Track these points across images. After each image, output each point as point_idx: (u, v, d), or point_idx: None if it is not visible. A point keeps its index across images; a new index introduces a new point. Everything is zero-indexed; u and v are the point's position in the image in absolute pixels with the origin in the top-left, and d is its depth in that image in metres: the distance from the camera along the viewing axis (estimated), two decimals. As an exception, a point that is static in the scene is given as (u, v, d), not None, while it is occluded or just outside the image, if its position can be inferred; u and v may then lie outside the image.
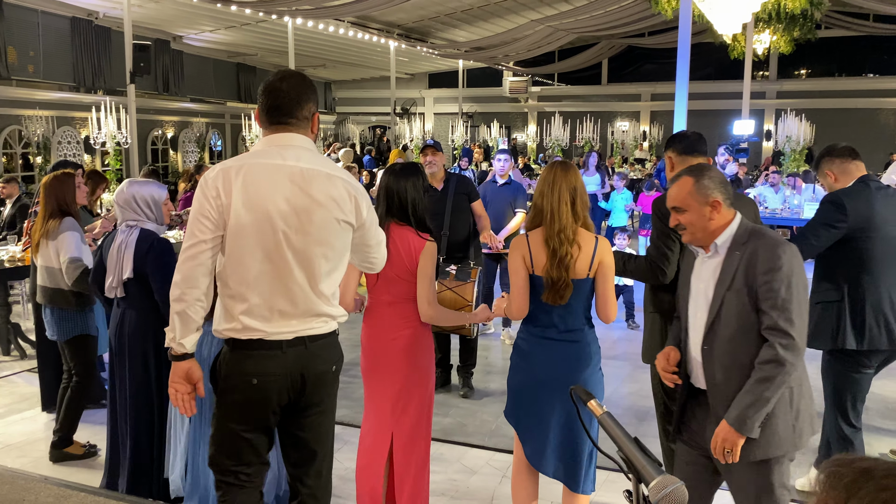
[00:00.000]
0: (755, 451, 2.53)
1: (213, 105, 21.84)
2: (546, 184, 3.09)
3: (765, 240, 2.52)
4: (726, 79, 22.91)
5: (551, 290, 3.02)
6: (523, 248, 3.07)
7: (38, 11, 15.95)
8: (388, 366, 3.31)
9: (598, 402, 1.34)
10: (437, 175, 5.69)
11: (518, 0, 17.58)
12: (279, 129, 2.56)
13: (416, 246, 3.26)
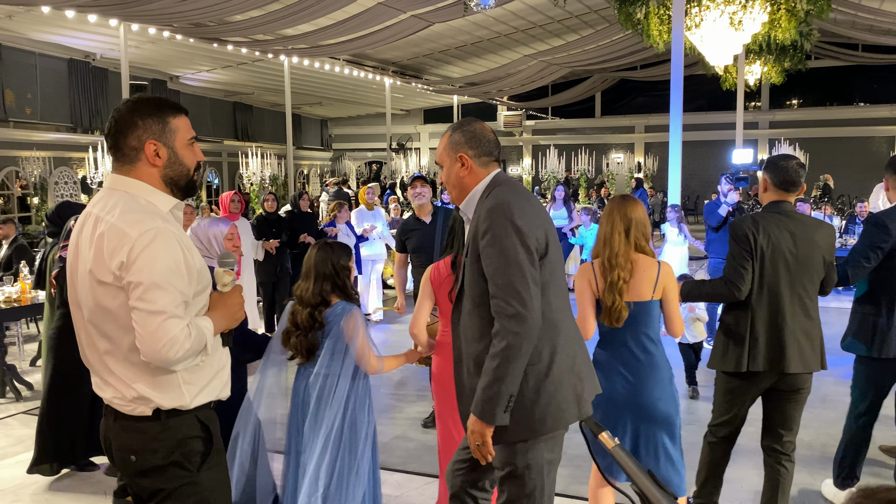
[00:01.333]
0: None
1: (210, 143, 21.96)
2: (604, 215, 3.32)
3: (487, 201, 2.45)
4: (719, 110, 23.16)
5: (606, 312, 3.21)
6: (589, 274, 3.28)
7: (36, 54, 16.11)
8: (452, 385, 3.36)
9: (609, 434, 1.32)
10: (424, 207, 5.65)
11: (511, 36, 17.80)
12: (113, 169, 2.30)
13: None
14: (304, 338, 3.34)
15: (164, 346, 2.06)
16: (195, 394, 2.23)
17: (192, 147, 2.31)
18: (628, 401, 3.21)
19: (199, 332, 2.14)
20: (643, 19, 12.92)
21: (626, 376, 3.22)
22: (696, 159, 23.89)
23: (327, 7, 12.84)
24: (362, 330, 3.33)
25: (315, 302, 3.33)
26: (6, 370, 6.51)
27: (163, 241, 2.11)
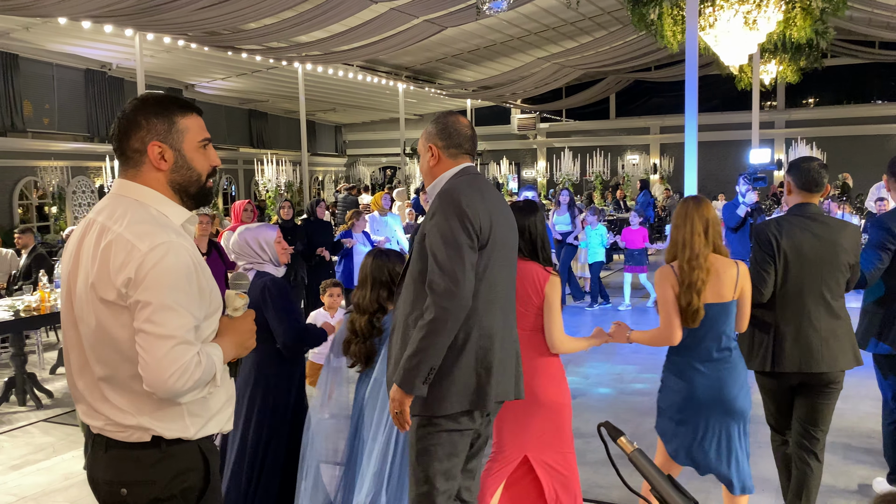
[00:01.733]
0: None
1: (225, 151, 22.07)
2: (679, 217, 3.34)
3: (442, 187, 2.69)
4: (734, 110, 23.00)
5: (684, 313, 3.23)
6: (671, 278, 3.28)
7: (53, 65, 16.27)
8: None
9: (627, 439, 1.31)
10: None
11: (524, 39, 17.78)
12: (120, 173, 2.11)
13: (542, 279, 3.39)
14: (363, 345, 3.42)
15: (171, 376, 1.84)
16: (200, 426, 2.00)
17: (205, 150, 2.07)
18: (708, 398, 3.29)
19: (209, 360, 1.92)
20: (657, 20, 12.87)
21: (706, 374, 3.30)
22: (712, 160, 23.72)
23: (340, 14, 12.88)
24: None
25: (373, 309, 3.42)
26: (26, 378, 6.57)
27: (175, 258, 1.89)
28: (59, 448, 5.45)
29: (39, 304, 6.67)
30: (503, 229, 2.76)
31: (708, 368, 3.30)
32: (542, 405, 3.38)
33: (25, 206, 15.85)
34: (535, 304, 3.39)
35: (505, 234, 2.78)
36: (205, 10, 11.53)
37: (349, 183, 21.58)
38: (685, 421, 3.35)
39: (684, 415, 3.35)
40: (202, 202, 2.12)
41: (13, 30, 13.64)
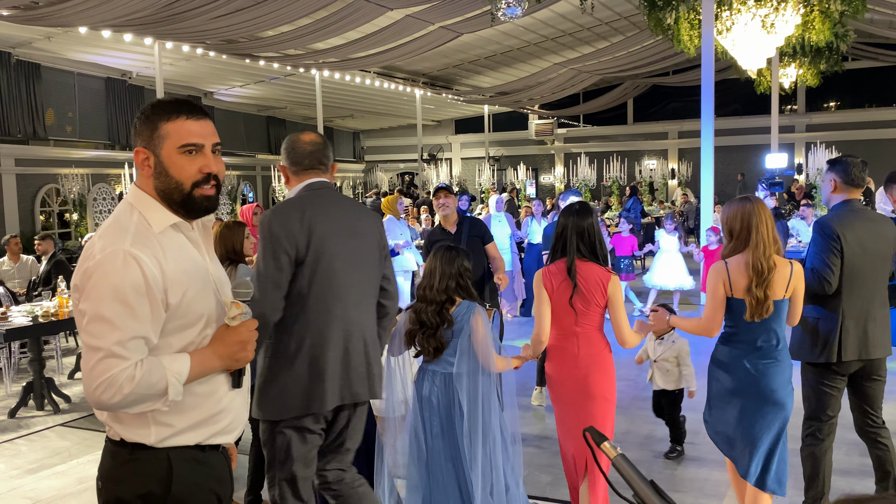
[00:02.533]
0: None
1: (244, 158, 22.25)
2: (754, 216, 3.39)
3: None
4: (754, 114, 22.84)
5: (756, 308, 3.31)
6: (723, 274, 3.39)
7: (74, 73, 16.49)
8: (578, 390, 3.55)
9: (611, 444, 1.31)
10: (449, 218, 5.65)
11: (540, 45, 17.78)
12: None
13: (604, 279, 3.53)
14: (433, 336, 3.45)
15: (97, 388, 1.80)
16: (166, 435, 1.93)
17: (191, 156, 1.97)
18: (750, 389, 3.38)
19: (152, 375, 1.83)
20: (673, 24, 12.81)
21: (753, 367, 3.38)
22: (731, 164, 23.55)
23: (356, 20, 12.95)
24: (488, 329, 3.51)
25: (441, 299, 3.47)
26: (44, 383, 6.64)
27: (120, 267, 1.83)
28: (74, 452, 5.51)
29: (58, 310, 6.75)
30: (338, 239, 2.93)
31: (755, 362, 3.39)
32: (596, 398, 3.53)
33: (47, 213, 16.06)
34: (599, 303, 3.53)
35: (340, 243, 2.94)
36: (222, 18, 11.65)
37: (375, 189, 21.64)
38: (728, 409, 3.47)
39: (727, 403, 3.47)
40: (193, 212, 2.02)
41: (35, 39, 13.85)
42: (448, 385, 3.47)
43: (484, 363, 3.46)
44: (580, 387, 3.53)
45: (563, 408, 3.63)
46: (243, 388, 2.12)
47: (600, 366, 3.55)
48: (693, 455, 5.04)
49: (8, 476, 5.11)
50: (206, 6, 11.01)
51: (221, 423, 2.04)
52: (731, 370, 3.43)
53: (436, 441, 3.47)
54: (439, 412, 3.47)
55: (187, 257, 1.99)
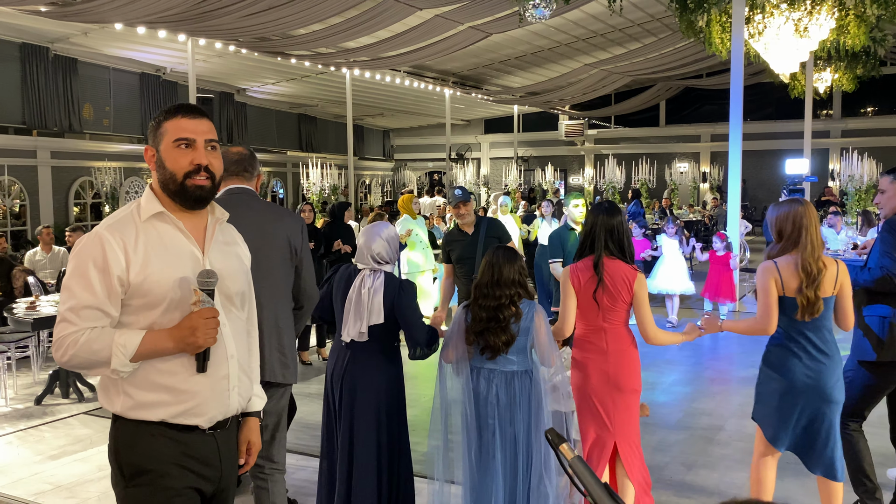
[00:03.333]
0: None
1: (275, 154, 22.48)
2: (805, 218, 3.50)
3: None
4: (788, 118, 22.51)
5: (807, 307, 3.42)
6: (774, 273, 3.49)
7: (110, 69, 16.82)
8: (607, 382, 3.64)
9: (569, 446, 1.34)
10: (468, 222, 5.67)
11: (571, 45, 17.71)
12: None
13: (630, 276, 3.64)
14: (503, 330, 3.48)
15: (54, 346, 2.11)
16: (128, 406, 2.14)
17: (184, 150, 2.17)
18: (807, 387, 3.46)
19: (94, 342, 2.05)
20: (705, 27, 12.69)
21: (808, 365, 3.47)
22: (764, 169, 23.26)
23: (387, 20, 13.03)
24: (549, 327, 3.57)
25: (511, 292, 3.51)
26: (70, 372, 6.79)
27: (89, 245, 2.10)
28: (95, 440, 5.64)
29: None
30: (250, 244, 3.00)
31: (809, 359, 3.48)
32: (625, 391, 3.65)
33: (81, 205, 16.39)
34: (625, 300, 3.64)
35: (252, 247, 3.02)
36: (254, 16, 11.79)
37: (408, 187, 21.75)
38: (783, 408, 3.53)
39: (783, 402, 3.53)
40: (188, 201, 2.20)
41: (72, 35, 14.14)
42: (510, 383, 3.52)
43: (543, 360, 3.53)
44: (609, 380, 3.63)
45: (588, 397, 3.69)
46: (222, 377, 2.22)
47: (629, 360, 3.66)
48: (706, 461, 5.01)
49: (31, 461, 5.25)
50: (238, 3, 11.15)
51: (185, 405, 2.16)
52: (786, 370, 3.51)
53: (493, 438, 3.50)
54: (498, 410, 3.51)
55: (167, 244, 2.17)
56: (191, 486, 2.21)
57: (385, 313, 3.54)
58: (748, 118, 22.53)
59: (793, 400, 3.51)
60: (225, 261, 2.29)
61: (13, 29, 13.89)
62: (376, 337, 3.58)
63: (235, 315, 2.32)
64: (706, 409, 6.10)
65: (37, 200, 15.12)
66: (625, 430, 3.68)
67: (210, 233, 2.28)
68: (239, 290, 2.34)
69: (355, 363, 3.61)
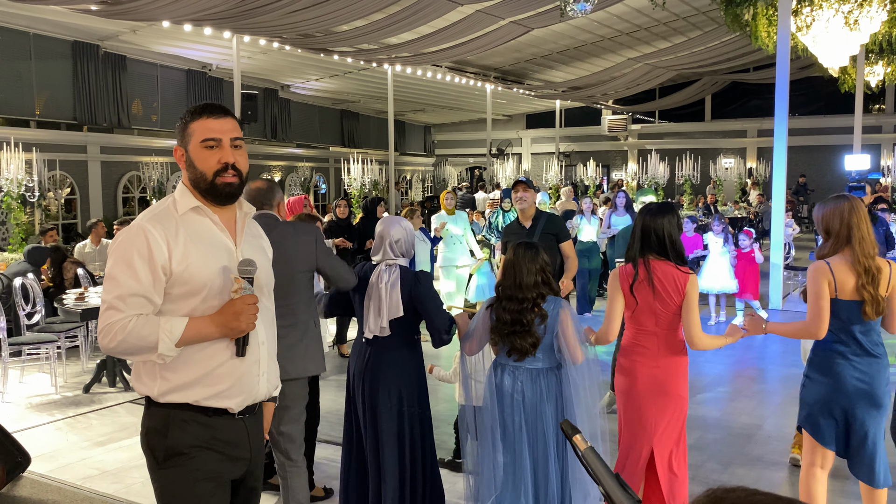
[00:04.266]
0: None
1: (317, 150, 22.70)
2: (854, 214, 3.40)
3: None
4: (838, 113, 21.98)
5: (873, 305, 3.33)
6: (828, 275, 3.38)
7: (158, 65, 17.17)
8: (656, 388, 3.54)
9: (582, 437, 1.36)
10: (526, 212, 5.61)
11: (615, 39, 17.53)
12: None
13: (682, 279, 3.51)
14: (528, 333, 3.44)
15: (100, 333, 2.19)
16: (165, 390, 2.23)
17: (212, 150, 2.27)
18: (856, 391, 3.38)
19: (143, 329, 2.14)
20: (751, 20, 12.47)
21: (857, 368, 3.40)
22: (813, 165, 22.78)
23: (428, 16, 13.06)
24: (576, 322, 3.54)
25: (533, 295, 3.46)
26: (116, 361, 6.98)
27: (131, 236, 2.20)
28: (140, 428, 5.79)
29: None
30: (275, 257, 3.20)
31: (858, 362, 3.40)
32: (671, 397, 3.54)
33: (129, 200, 16.78)
34: (676, 303, 3.51)
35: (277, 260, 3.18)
36: (298, 13, 11.93)
37: (463, 183, 21.83)
38: (830, 409, 3.45)
39: (830, 404, 3.45)
40: (219, 198, 2.31)
41: (121, 32, 14.47)
42: (535, 381, 3.49)
43: (572, 357, 3.48)
44: (658, 386, 3.54)
45: (635, 402, 3.60)
46: (254, 362, 2.34)
47: (678, 366, 3.57)
48: (741, 459, 4.96)
49: (79, 447, 5.43)
50: (281, 0, 11.30)
51: (217, 387, 2.26)
52: (835, 373, 3.42)
53: (519, 434, 3.48)
54: (524, 407, 3.48)
55: (204, 236, 2.29)
56: (220, 470, 2.30)
57: (404, 305, 3.58)
58: (796, 113, 22.13)
59: (840, 402, 3.43)
60: (254, 253, 2.40)
61: (65, 27, 14.27)
62: (396, 331, 3.62)
63: (265, 305, 2.40)
64: (745, 409, 6.02)
65: (87, 194, 15.53)
66: (665, 437, 3.58)
67: (241, 226, 2.40)
68: (268, 280, 2.46)
69: (378, 359, 3.65)
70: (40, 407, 6.42)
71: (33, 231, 11.69)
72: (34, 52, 14.70)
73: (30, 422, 6.00)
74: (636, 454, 3.60)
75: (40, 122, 14.84)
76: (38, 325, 7.42)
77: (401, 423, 3.62)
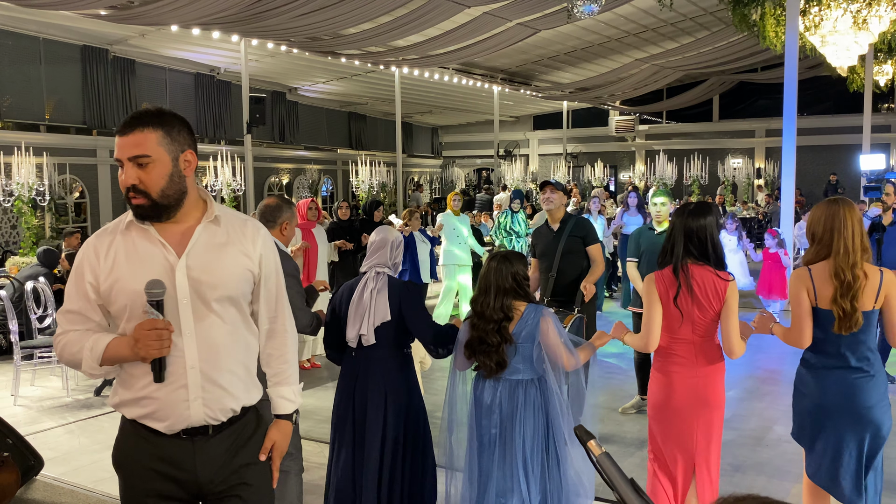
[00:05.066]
0: None
1: (325, 152, 22.74)
2: (837, 220, 3.20)
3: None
4: (847, 112, 21.88)
5: (844, 320, 3.12)
6: (806, 282, 3.22)
7: (166, 69, 17.25)
8: (694, 400, 3.37)
9: (596, 442, 1.36)
10: (554, 213, 5.48)
11: (622, 40, 17.51)
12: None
13: (721, 286, 3.32)
14: (495, 352, 3.33)
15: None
16: (116, 403, 2.23)
17: (120, 171, 2.17)
18: (839, 405, 3.18)
19: (71, 345, 2.17)
20: (759, 20, 12.44)
21: (840, 381, 3.19)
22: (822, 164, 22.66)
23: (435, 18, 13.08)
24: (560, 330, 3.40)
25: (498, 318, 3.33)
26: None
27: (80, 252, 2.24)
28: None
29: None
30: None
31: (843, 375, 3.20)
32: (713, 408, 3.38)
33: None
34: (715, 310, 3.34)
35: None
36: (306, 16, 11.97)
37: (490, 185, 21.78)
38: (819, 432, 3.25)
39: (817, 423, 3.26)
40: (138, 218, 2.19)
41: (130, 37, 14.56)
42: (513, 392, 3.36)
43: (560, 364, 3.35)
44: (697, 396, 3.36)
45: (673, 416, 3.41)
46: (179, 387, 2.16)
47: (717, 375, 3.41)
48: (750, 464, 4.95)
49: (91, 450, 5.45)
50: (289, 4, 11.34)
51: (146, 409, 2.19)
52: (821, 386, 3.24)
53: (492, 449, 3.36)
54: (500, 420, 3.35)
55: (139, 252, 2.18)
56: (160, 489, 2.21)
57: (393, 313, 3.49)
58: (805, 113, 22.06)
59: (823, 421, 3.22)
60: (209, 262, 2.20)
61: (74, 32, 14.36)
62: (384, 343, 3.53)
63: (214, 320, 2.20)
64: (756, 410, 6.01)
65: (97, 198, 15.61)
66: (708, 449, 3.41)
67: (196, 236, 2.21)
68: (225, 292, 2.21)
69: (367, 374, 3.56)
70: (52, 410, 6.46)
71: (44, 235, 11.76)
72: (44, 56, 14.79)
73: (42, 425, 6.04)
74: (675, 467, 3.45)
75: (50, 126, 14.93)
76: (50, 328, 7.46)
77: (395, 446, 3.53)
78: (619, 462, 3.80)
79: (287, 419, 2.42)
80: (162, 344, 2.09)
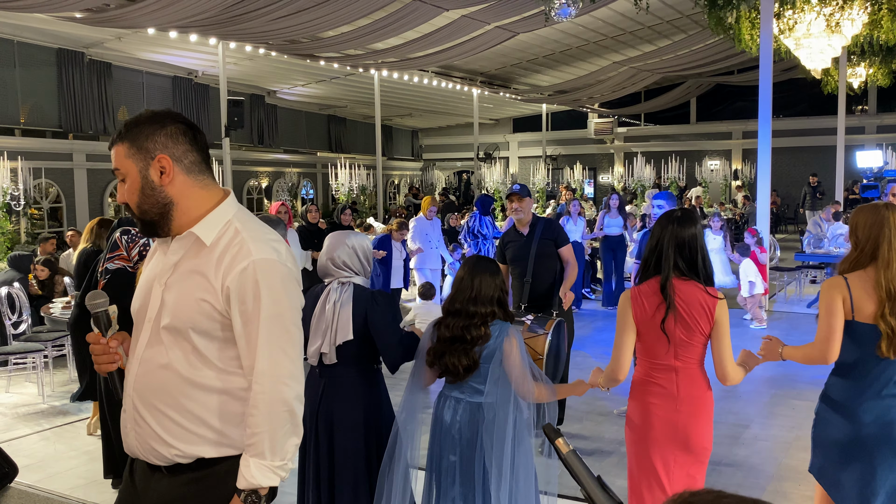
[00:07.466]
0: None
1: (305, 155, 22.68)
2: (886, 227, 2.87)
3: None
4: (822, 114, 22.18)
5: (893, 340, 2.78)
6: (843, 291, 2.86)
7: (143, 72, 17.13)
8: (675, 438, 2.96)
9: (565, 440, 1.37)
10: (522, 220, 5.36)
11: (600, 43, 17.64)
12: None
13: (710, 304, 2.93)
14: (466, 353, 3.07)
15: None
16: None
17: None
18: (879, 438, 2.82)
19: None
20: (734, 24, 12.58)
21: (880, 409, 2.83)
22: (798, 165, 22.92)
23: (413, 21, 13.10)
24: (523, 353, 3.11)
25: (486, 311, 3.11)
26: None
27: None
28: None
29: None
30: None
31: (883, 402, 2.83)
32: (694, 451, 2.97)
33: (118, 208, 16.71)
34: (703, 332, 2.93)
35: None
36: (284, 19, 11.94)
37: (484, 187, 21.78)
38: (851, 465, 2.86)
39: (847, 455, 2.87)
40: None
41: (106, 40, 14.44)
42: (473, 416, 3.07)
43: (518, 392, 3.06)
44: (677, 433, 2.93)
45: (646, 452, 2.99)
46: (126, 412, 2.03)
47: (703, 410, 2.97)
48: (731, 461, 5.00)
49: (67, 457, 5.40)
50: (267, 7, 11.30)
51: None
52: (855, 413, 2.86)
53: (448, 478, 3.09)
54: (460, 445, 3.07)
55: (152, 267, 2.10)
56: None
57: (356, 329, 3.12)
58: (780, 115, 22.30)
59: (861, 454, 2.82)
60: (175, 285, 1.97)
61: (50, 35, 14.21)
62: (350, 360, 3.18)
63: (159, 350, 1.96)
64: (732, 409, 6.07)
65: (73, 202, 15.46)
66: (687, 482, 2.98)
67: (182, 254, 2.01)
68: (174, 322, 1.93)
69: (332, 397, 3.19)
70: (27, 417, 6.38)
71: (19, 240, 11.63)
72: (18, 59, 14.64)
73: (17, 432, 5.97)
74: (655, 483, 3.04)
75: (25, 130, 14.78)
76: (25, 334, 7.39)
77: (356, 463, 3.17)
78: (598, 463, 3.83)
79: (239, 495, 1.91)
80: (108, 358, 1.99)
